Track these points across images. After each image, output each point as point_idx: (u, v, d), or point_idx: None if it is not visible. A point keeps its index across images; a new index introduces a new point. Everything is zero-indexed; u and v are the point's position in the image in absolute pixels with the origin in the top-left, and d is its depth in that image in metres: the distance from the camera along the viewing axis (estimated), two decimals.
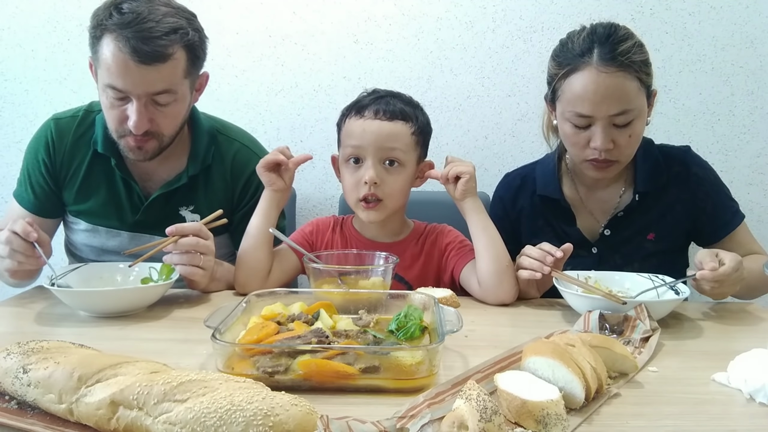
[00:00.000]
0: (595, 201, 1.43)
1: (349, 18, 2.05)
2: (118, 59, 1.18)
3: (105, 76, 1.21)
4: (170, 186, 1.39)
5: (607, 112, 1.22)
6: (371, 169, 1.28)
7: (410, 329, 0.90)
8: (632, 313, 1.02)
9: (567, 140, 1.33)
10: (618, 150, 1.26)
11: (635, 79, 1.22)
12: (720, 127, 2.06)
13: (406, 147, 1.30)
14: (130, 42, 1.16)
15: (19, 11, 2.04)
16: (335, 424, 0.62)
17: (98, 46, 1.21)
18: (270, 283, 1.30)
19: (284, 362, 0.78)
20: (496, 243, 1.27)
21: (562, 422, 0.66)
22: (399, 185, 1.31)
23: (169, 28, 1.20)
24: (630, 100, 1.22)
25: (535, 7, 2.03)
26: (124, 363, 0.70)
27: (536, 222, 1.45)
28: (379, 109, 1.29)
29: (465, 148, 2.10)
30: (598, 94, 1.21)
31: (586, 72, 1.22)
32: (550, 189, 1.43)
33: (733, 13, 2.00)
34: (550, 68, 1.33)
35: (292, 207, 1.99)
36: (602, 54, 1.22)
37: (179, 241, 1.18)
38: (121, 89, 1.21)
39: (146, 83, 1.21)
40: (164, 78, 1.22)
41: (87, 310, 1.13)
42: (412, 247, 1.39)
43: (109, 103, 1.25)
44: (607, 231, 1.40)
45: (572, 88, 1.25)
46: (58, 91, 2.06)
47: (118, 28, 1.17)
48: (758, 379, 0.77)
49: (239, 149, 1.47)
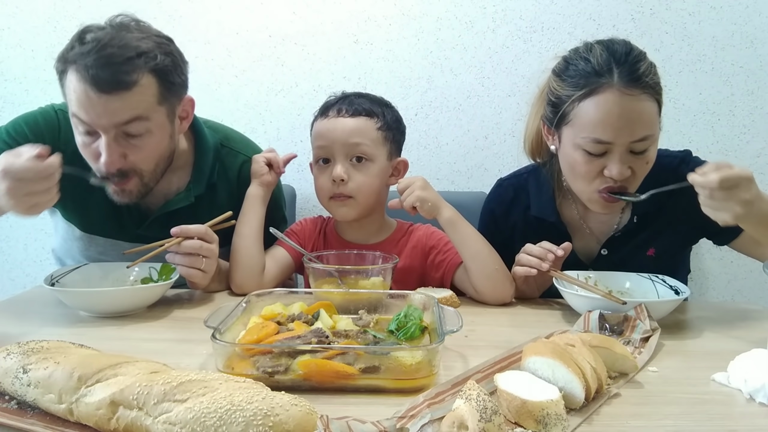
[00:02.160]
0: (593, 222, 1.35)
1: (349, 18, 2.05)
2: (79, 90, 1.11)
3: (72, 109, 1.15)
4: (174, 205, 1.33)
5: (629, 138, 1.12)
6: (339, 165, 1.29)
7: (410, 329, 0.90)
8: (632, 313, 1.02)
9: (575, 170, 1.20)
10: (633, 178, 1.17)
11: (655, 102, 1.14)
12: (720, 127, 2.06)
13: (371, 142, 1.30)
14: (90, 71, 1.09)
15: (19, 11, 2.04)
16: (335, 424, 0.62)
17: (64, 81, 1.15)
18: (266, 281, 1.30)
19: (284, 362, 0.78)
20: (482, 249, 1.25)
21: (562, 422, 0.66)
22: (368, 180, 1.31)
23: (134, 53, 1.11)
24: (652, 125, 1.13)
25: (535, 7, 2.03)
26: (124, 363, 0.70)
27: (529, 239, 1.30)
28: (342, 108, 1.31)
29: (465, 148, 2.10)
30: (623, 119, 1.10)
31: (608, 94, 1.11)
32: (546, 211, 1.34)
33: (733, 13, 2.00)
34: (557, 89, 1.20)
35: (292, 207, 1.99)
36: (623, 74, 1.11)
37: (183, 243, 1.17)
38: (87, 122, 1.13)
39: (110, 113, 1.11)
40: (131, 106, 1.12)
41: (87, 310, 1.13)
42: (392, 248, 1.36)
43: (81, 141, 1.18)
44: (604, 251, 1.33)
45: (590, 113, 1.13)
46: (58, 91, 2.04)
47: (79, 59, 1.10)
48: (758, 379, 0.77)
49: (244, 162, 1.42)
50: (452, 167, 2.11)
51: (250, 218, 1.33)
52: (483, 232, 1.30)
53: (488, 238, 1.27)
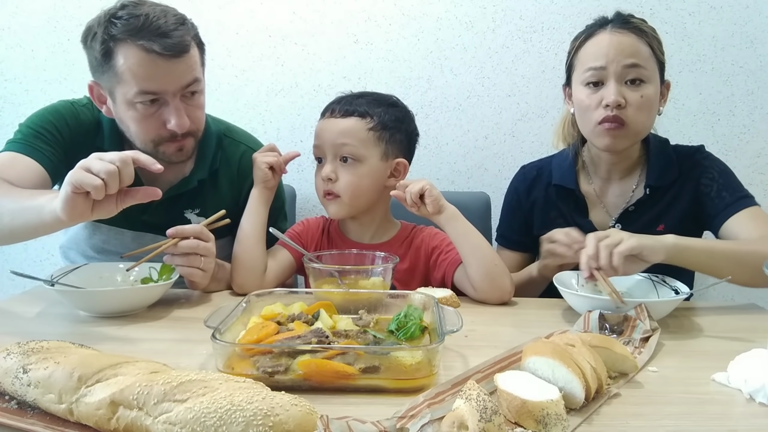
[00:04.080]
0: (609, 195, 1.44)
1: (349, 18, 2.05)
2: (146, 62, 1.17)
3: (133, 85, 1.18)
4: (178, 190, 1.39)
5: (619, 62, 1.26)
6: (327, 165, 1.33)
7: (410, 329, 0.90)
8: (632, 313, 1.02)
9: (581, 108, 1.33)
10: (630, 111, 1.27)
11: (647, 45, 1.28)
12: (720, 127, 2.06)
13: (359, 142, 1.31)
14: (155, 42, 1.16)
15: (19, 11, 2.04)
16: (335, 424, 0.62)
17: (113, 61, 1.18)
18: (267, 281, 1.31)
19: (284, 362, 0.78)
20: (481, 246, 1.26)
21: (562, 422, 0.66)
22: (354, 180, 1.32)
23: (178, 20, 1.21)
24: (641, 58, 1.27)
25: (535, 7, 2.03)
26: (124, 363, 0.70)
27: (549, 213, 1.46)
28: (335, 108, 1.34)
29: (465, 148, 2.10)
30: (612, 46, 1.27)
31: (601, 34, 1.30)
32: (566, 179, 1.45)
33: (733, 13, 2.00)
34: (568, 50, 1.38)
35: (292, 207, 1.99)
36: (616, 21, 1.30)
37: (179, 244, 1.18)
38: (157, 90, 1.20)
39: (179, 77, 1.21)
40: (191, 68, 1.23)
41: (87, 310, 1.13)
42: (396, 248, 1.37)
43: (141, 115, 1.23)
44: (618, 225, 1.39)
45: (586, 50, 1.32)
46: (58, 91, 2.06)
47: (133, 34, 1.16)
48: (758, 379, 0.77)
49: (245, 152, 1.47)
50: (452, 167, 2.11)
51: (253, 219, 1.33)
52: (506, 210, 1.44)
53: (511, 215, 1.37)
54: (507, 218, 1.56)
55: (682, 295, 1.10)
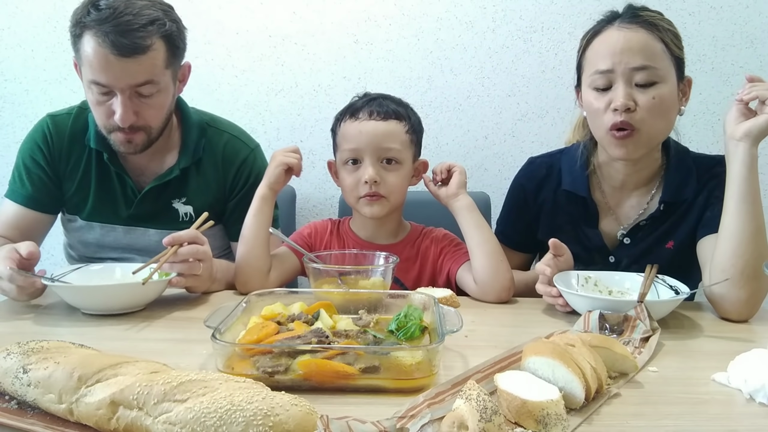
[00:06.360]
0: (621, 205, 1.36)
1: (349, 18, 2.05)
2: (99, 54, 1.20)
3: (88, 72, 1.23)
4: (162, 179, 1.42)
5: (627, 64, 1.17)
6: (370, 167, 1.30)
7: (410, 329, 0.90)
8: (632, 313, 1.02)
9: (590, 112, 1.24)
10: (641, 114, 1.17)
11: (659, 41, 1.18)
12: (720, 127, 2.04)
13: (401, 145, 1.32)
14: (109, 36, 1.18)
15: (19, 11, 2.04)
16: (335, 424, 0.62)
17: (79, 44, 1.23)
18: (270, 283, 1.31)
19: (284, 362, 0.78)
20: (490, 239, 1.28)
21: (562, 422, 0.66)
22: (398, 182, 1.33)
23: (147, 20, 1.22)
24: (652, 57, 1.17)
25: (535, 7, 2.03)
26: (124, 363, 0.70)
27: (556, 219, 1.38)
28: (373, 110, 1.32)
29: (465, 148, 2.10)
30: (619, 46, 1.17)
31: (609, 31, 1.21)
32: (577, 185, 1.36)
33: (733, 13, 2.00)
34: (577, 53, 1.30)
35: (292, 207, 1.99)
36: (625, 16, 1.21)
37: (179, 251, 1.17)
38: (104, 84, 1.23)
39: (128, 76, 1.23)
40: (145, 69, 1.24)
41: (86, 307, 1.12)
42: (408, 249, 1.39)
43: (95, 99, 1.27)
44: (627, 239, 1.33)
45: (594, 49, 1.23)
46: (58, 91, 2.07)
47: (97, 24, 1.19)
48: (758, 379, 0.77)
49: (229, 140, 1.50)
50: None
51: (258, 219, 1.32)
52: (510, 207, 1.38)
53: (515, 214, 1.33)
54: (510, 216, 1.47)
55: (682, 295, 1.10)
